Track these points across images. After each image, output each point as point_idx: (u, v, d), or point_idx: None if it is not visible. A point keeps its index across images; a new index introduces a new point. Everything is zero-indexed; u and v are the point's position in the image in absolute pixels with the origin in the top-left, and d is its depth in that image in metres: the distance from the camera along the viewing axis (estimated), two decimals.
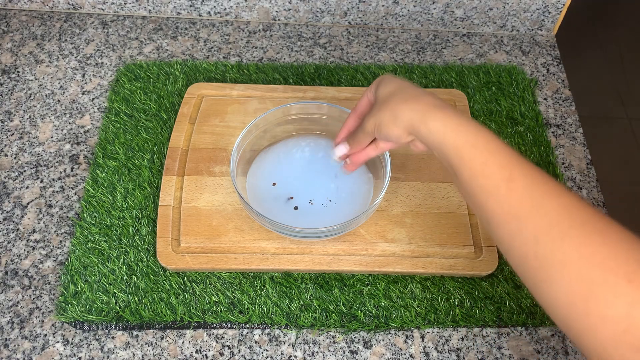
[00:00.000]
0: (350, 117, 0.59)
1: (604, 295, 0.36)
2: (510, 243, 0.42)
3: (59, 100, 0.78)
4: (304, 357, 0.58)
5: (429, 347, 0.59)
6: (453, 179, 0.48)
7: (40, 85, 0.80)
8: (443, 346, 0.59)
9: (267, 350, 0.59)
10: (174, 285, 0.62)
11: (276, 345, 0.59)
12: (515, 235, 0.42)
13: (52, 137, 0.74)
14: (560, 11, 0.85)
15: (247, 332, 0.60)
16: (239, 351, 0.59)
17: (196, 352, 0.59)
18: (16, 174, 0.71)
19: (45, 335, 0.59)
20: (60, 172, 0.71)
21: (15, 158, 0.72)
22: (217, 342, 0.59)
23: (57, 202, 0.68)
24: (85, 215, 0.66)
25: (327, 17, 0.88)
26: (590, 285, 0.37)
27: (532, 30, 0.88)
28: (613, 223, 0.39)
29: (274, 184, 0.67)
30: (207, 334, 0.60)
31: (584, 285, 0.37)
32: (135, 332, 0.60)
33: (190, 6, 0.87)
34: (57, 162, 0.72)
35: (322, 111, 0.68)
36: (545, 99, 0.80)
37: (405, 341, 0.60)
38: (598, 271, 0.37)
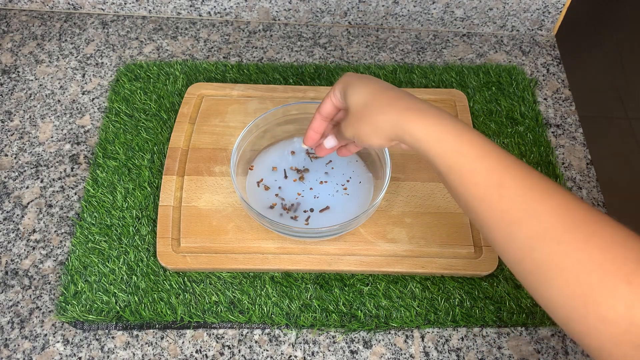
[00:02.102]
0: (315, 119, 0.57)
1: (603, 298, 0.36)
2: (505, 248, 0.42)
3: (59, 100, 0.78)
4: (304, 357, 0.58)
5: (429, 347, 0.59)
6: (442, 181, 0.47)
7: (41, 85, 0.80)
8: (443, 346, 0.59)
9: (267, 350, 0.59)
10: (174, 285, 0.62)
11: (276, 345, 0.59)
12: (510, 240, 0.41)
13: (52, 137, 0.74)
14: (560, 11, 0.85)
15: (247, 332, 0.60)
16: (239, 351, 0.59)
17: (196, 352, 0.59)
18: (16, 174, 0.71)
19: (46, 335, 0.59)
20: (61, 172, 0.71)
21: (15, 158, 0.72)
22: (217, 342, 0.59)
23: (57, 202, 0.68)
24: (85, 215, 0.66)
25: (327, 17, 0.88)
26: (589, 288, 0.36)
27: (532, 30, 0.88)
28: (608, 221, 0.39)
29: (276, 195, 0.67)
30: (207, 333, 0.60)
31: (582, 289, 0.37)
32: (135, 332, 0.60)
33: (190, 6, 0.87)
34: (57, 162, 0.72)
35: None
36: (545, 99, 0.80)
37: (405, 341, 0.60)
38: (596, 274, 0.36)
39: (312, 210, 0.65)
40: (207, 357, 0.58)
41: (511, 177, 0.42)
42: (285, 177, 0.68)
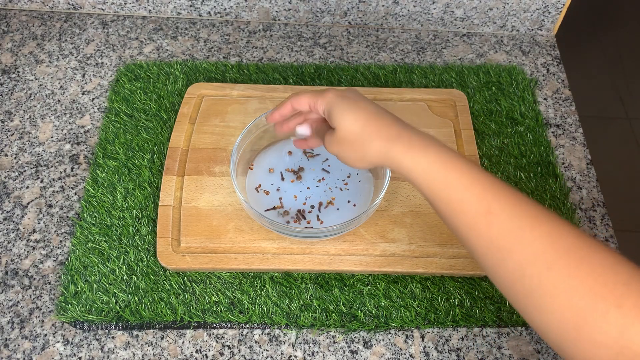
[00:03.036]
0: (286, 107, 0.55)
1: (595, 322, 0.36)
2: (495, 272, 0.42)
3: (59, 100, 0.78)
4: (304, 357, 0.58)
5: (429, 347, 0.59)
6: (431, 206, 0.47)
7: (41, 85, 0.80)
8: (443, 346, 0.59)
9: (267, 350, 0.59)
10: (174, 285, 0.62)
11: (276, 345, 0.59)
12: (500, 265, 0.41)
13: (52, 137, 0.74)
14: (560, 11, 0.85)
15: (247, 332, 0.60)
16: (239, 351, 0.59)
17: (196, 352, 0.59)
18: (16, 174, 0.71)
19: (46, 335, 0.59)
20: (61, 172, 0.71)
21: (15, 158, 0.72)
22: (217, 342, 0.59)
23: (57, 202, 0.69)
24: (85, 215, 0.66)
25: (327, 17, 0.88)
26: (581, 312, 0.37)
27: (532, 30, 0.88)
28: (598, 247, 0.39)
29: (280, 199, 0.67)
30: (207, 333, 0.60)
31: (574, 313, 0.37)
32: (135, 332, 0.60)
33: (190, 6, 0.87)
34: (57, 162, 0.72)
35: None
36: (545, 99, 0.80)
37: (405, 341, 0.60)
38: (587, 299, 0.37)
39: (313, 207, 0.65)
40: (207, 357, 0.58)
41: (500, 204, 0.42)
42: (282, 179, 0.68)
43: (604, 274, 0.37)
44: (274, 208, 0.65)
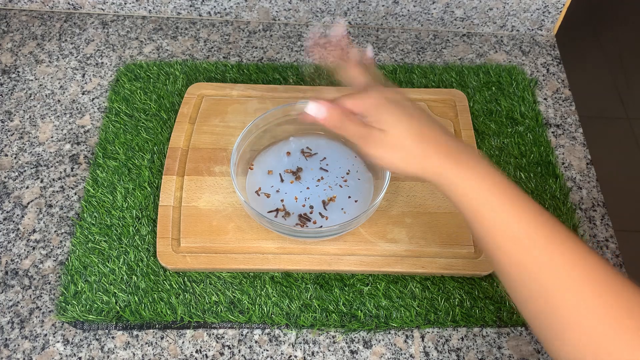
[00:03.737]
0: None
1: (616, 351, 0.37)
2: (525, 300, 0.43)
3: (59, 100, 0.78)
4: (304, 357, 0.58)
5: (429, 347, 0.59)
6: (466, 222, 0.47)
7: (41, 85, 0.80)
8: (443, 346, 0.59)
9: (267, 350, 0.59)
10: (174, 285, 0.62)
11: (276, 345, 0.59)
12: (525, 288, 0.42)
13: (52, 137, 0.74)
14: (560, 11, 0.85)
15: (247, 332, 0.60)
16: (239, 351, 0.59)
17: (196, 352, 0.59)
18: (16, 174, 0.71)
19: (46, 335, 0.60)
20: (61, 172, 0.71)
21: (15, 158, 0.72)
22: (217, 342, 0.59)
23: (57, 202, 0.69)
24: (85, 215, 0.66)
25: (327, 17, 0.88)
26: (602, 340, 0.38)
27: (532, 30, 0.88)
28: (625, 280, 0.40)
29: (281, 201, 0.67)
30: (207, 333, 0.60)
31: (595, 340, 0.38)
32: (135, 332, 0.60)
33: (190, 6, 0.87)
34: (57, 162, 0.72)
35: None
36: (545, 99, 0.80)
37: (405, 341, 0.60)
38: (611, 328, 0.38)
39: (312, 207, 0.65)
40: (207, 357, 0.58)
41: (533, 229, 0.43)
42: (282, 180, 0.67)
43: (630, 308, 0.38)
44: (276, 210, 0.65)
